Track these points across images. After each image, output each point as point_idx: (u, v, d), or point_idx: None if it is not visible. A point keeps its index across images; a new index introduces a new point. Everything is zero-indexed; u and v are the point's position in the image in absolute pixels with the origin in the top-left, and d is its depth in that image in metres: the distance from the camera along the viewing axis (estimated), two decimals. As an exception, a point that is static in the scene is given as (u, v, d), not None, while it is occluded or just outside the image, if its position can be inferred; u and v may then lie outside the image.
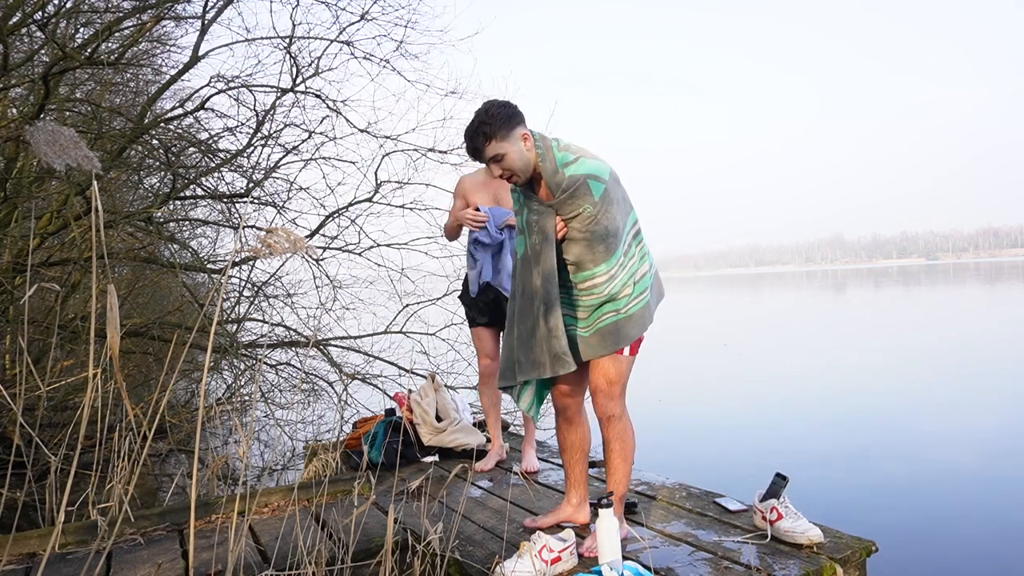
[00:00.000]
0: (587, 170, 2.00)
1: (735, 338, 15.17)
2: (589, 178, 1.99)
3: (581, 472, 2.39)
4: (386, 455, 3.34)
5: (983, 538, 3.74)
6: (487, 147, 2.01)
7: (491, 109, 2.02)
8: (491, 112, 2.01)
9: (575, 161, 2.02)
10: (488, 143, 2.01)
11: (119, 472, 2.20)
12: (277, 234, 1.22)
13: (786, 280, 75.35)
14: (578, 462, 2.38)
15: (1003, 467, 4.95)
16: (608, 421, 2.17)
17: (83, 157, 0.98)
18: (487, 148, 2.01)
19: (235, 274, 5.52)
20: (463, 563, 2.15)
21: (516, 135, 2.03)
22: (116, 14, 4.27)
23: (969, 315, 18.64)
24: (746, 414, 7.21)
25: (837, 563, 1.97)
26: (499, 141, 2.00)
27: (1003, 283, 34.65)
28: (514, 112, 2.04)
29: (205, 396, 4.67)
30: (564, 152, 2.05)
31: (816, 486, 4.55)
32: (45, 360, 4.74)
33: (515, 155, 2.03)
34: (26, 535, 2.48)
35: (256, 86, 4.81)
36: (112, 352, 1.06)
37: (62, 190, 4.66)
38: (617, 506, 2.15)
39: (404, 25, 4.84)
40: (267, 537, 2.46)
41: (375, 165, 5.35)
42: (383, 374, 5.66)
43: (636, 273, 2.11)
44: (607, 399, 2.15)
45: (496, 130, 1.99)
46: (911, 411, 6.96)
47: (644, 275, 2.14)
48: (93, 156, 0.99)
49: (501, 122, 2.00)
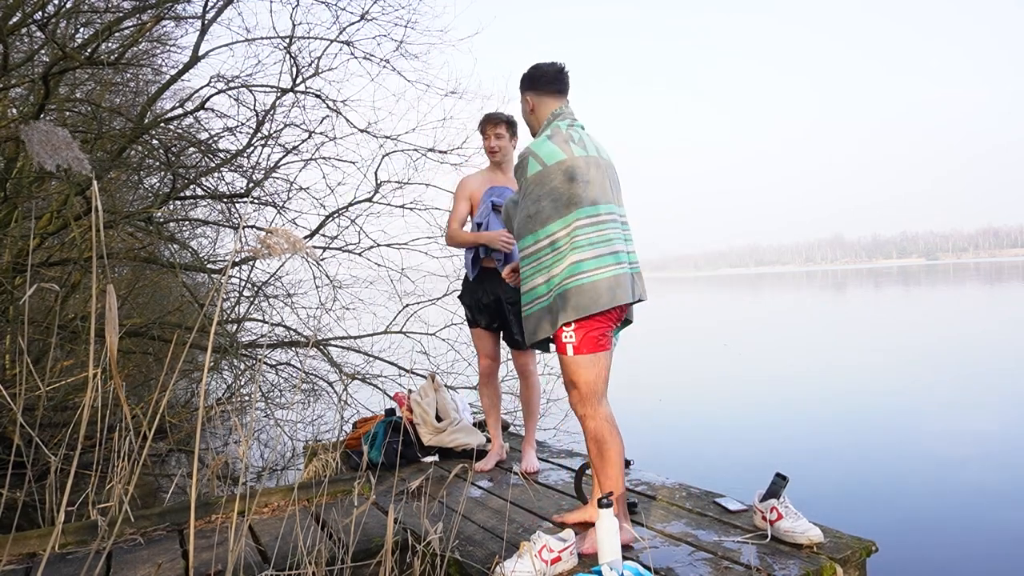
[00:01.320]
0: (536, 149, 2.21)
1: (735, 338, 15.17)
2: (532, 156, 2.21)
3: None
4: (386, 455, 3.34)
5: (983, 538, 3.74)
6: (520, 88, 2.41)
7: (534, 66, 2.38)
8: (530, 68, 2.38)
9: (538, 139, 2.26)
10: (520, 87, 2.42)
11: (119, 472, 2.20)
12: (277, 235, 1.22)
13: (786, 280, 75.37)
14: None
15: (1003, 467, 4.95)
16: (581, 421, 2.19)
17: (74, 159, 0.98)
18: (520, 88, 2.41)
19: (235, 274, 5.52)
20: (463, 563, 2.15)
21: (524, 96, 2.39)
22: (116, 14, 4.26)
23: (969, 315, 18.64)
24: (746, 414, 7.21)
25: (837, 563, 1.97)
26: (522, 90, 2.41)
27: (1003, 283, 34.66)
28: (532, 76, 2.36)
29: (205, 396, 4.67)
30: (545, 130, 2.29)
31: (816, 486, 4.55)
32: (45, 360, 4.74)
33: (522, 109, 2.43)
34: (26, 535, 2.48)
35: (256, 86, 4.81)
36: (111, 353, 1.06)
37: (62, 190, 4.67)
38: (615, 506, 2.14)
39: (404, 25, 4.85)
40: (267, 537, 2.46)
41: (375, 165, 5.36)
42: (383, 374, 5.66)
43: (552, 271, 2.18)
44: (573, 398, 2.19)
45: (520, 83, 2.40)
46: (911, 411, 6.95)
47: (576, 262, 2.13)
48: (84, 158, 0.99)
49: (522, 79, 2.39)
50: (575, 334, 2.12)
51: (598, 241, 2.14)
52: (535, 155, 2.19)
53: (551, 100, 2.33)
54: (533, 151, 2.21)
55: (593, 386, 2.14)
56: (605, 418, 2.15)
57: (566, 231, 2.13)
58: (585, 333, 2.12)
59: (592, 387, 2.14)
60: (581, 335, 2.12)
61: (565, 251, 2.13)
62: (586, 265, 2.11)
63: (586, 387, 2.13)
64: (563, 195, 2.14)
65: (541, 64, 2.35)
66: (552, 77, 2.32)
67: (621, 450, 2.17)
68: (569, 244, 2.13)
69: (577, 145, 2.21)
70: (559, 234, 2.14)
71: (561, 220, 2.14)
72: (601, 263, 2.13)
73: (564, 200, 2.14)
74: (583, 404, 2.15)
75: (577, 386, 2.15)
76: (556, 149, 2.18)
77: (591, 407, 2.15)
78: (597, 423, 2.14)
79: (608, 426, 2.15)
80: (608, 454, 2.14)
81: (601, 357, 2.14)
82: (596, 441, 2.15)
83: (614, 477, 2.15)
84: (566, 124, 2.27)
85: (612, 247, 2.16)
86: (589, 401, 2.14)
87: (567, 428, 5.63)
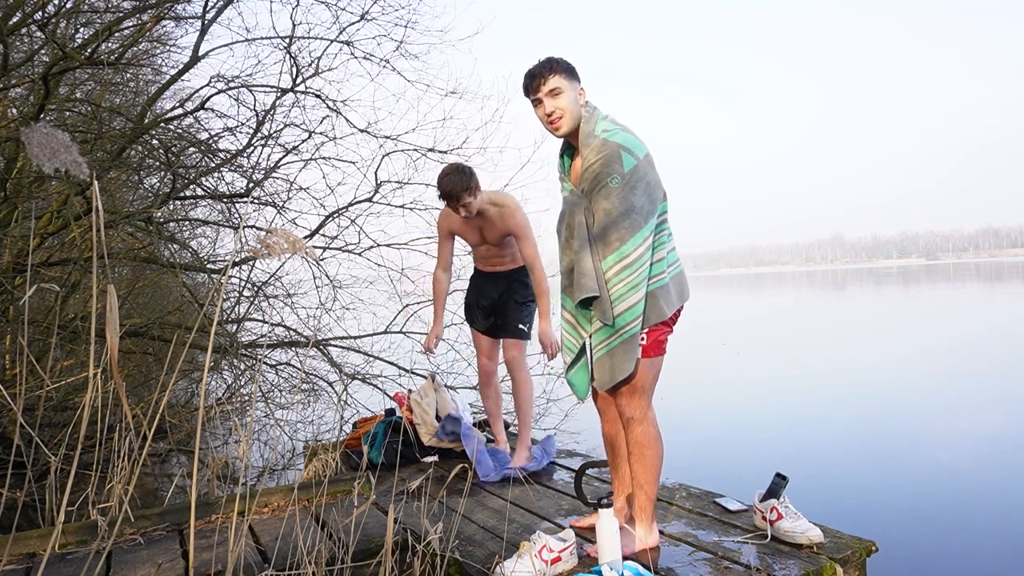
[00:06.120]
0: (622, 141, 2.01)
1: (735, 338, 15.17)
2: (622, 149, 1.99)
3: (624, 475, 2.31)
4: (386, 455, 3.34)
5: (983, 538, 3.73)
6: (551, 77, 2.06)
7: (559, 58, 2.12)
8: (559, 58, 2.11)
9: (613, 131, 2.04)
10: (553, 75, 2.06)
11: (119, 472, 2.20)
12: (277, 235, 1.22)
13: (786, 280, 75.36)
14: (619, 465, 2.31)
15: (1004, 467, 4.95)
16: (627, 424, 2.10)
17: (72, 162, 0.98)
18: (551, 78, 2.06)
19: (235, 274, 5.51)
20: (463, 563, 2.15)
21: (576, 85, 2.10)
22: (116, 14, 4.26)
23: (969, 315, 18.64)
24: (746, 414, 7.20)
25: (837, 563, 1.97)
26: (563, 78, 2.06)
27: (1003, 283, 34.67)
28: (570, 65, 2.11)
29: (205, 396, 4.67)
30: (608, 122, 2.08)
31: (816, 486, 4.55)
32: (45, 360, 4.74)
33: (570, 97, 2.07)
34: (26, 535, 2.47)
35: (256, 86, 4.81)
36: (111, 353, 1.06)
37: (62, 190, 4.67)
38: (640, 513, 2.11)
39: (404, 25, 4.85)
40: (267, 537, 2.46)
41: (375, 165, 5.36)
42: (383, 374, 5.66)
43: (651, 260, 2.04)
44: (621, 399, 2.09)
45: (563, 68, 2.07)
46: (911, 411, 6.95)
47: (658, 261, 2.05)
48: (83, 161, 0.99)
49: (567, 66, 2.09)
50: (647, 336, 2.03)
51: (671, 233, 2.11)
52: (626, 148, 2.00)
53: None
54: (622, 144, 2.00)
55: (647, 390, 2.08)
56: (653, 422, 2.10)
57: (655, 227, 2.04)
58: (655, 337, 2.05)
59: (646, 391, 2.08)
60: (652, 338, 2.04)
61: (656, 248, 2.04)
62: (672, 256, 2.08)
63: (641, 391, 2.06)
64: (654, 188, 2.02)
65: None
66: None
67: (662, 456, 2.11)
68: (659, 239, 2.04)
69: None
70: (651, 231, 2.02)
71: (654, 216, 2.03)
72: (677, 255, 2.12)
73: (654, 193, 2.02)
74: (634, 407, 2.07)
75: (634, 390, 2.05)
76: (639, 141, 2.04)
77: (641, 410, 2.07)
78: (645, 427, 2.08)
79: (655, 431, 2.10)
80: (651, 460, 2.08)
81: (659, 361, 2.09)
82: (639, 445, 2.08)
83: (651, 483, 2.09)
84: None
85: (674, 241, 2.14)
86: (640, 404, 2.07)
87: (567, 428, 5.63)
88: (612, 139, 2.01)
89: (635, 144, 2.02)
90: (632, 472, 2.12)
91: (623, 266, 1.97)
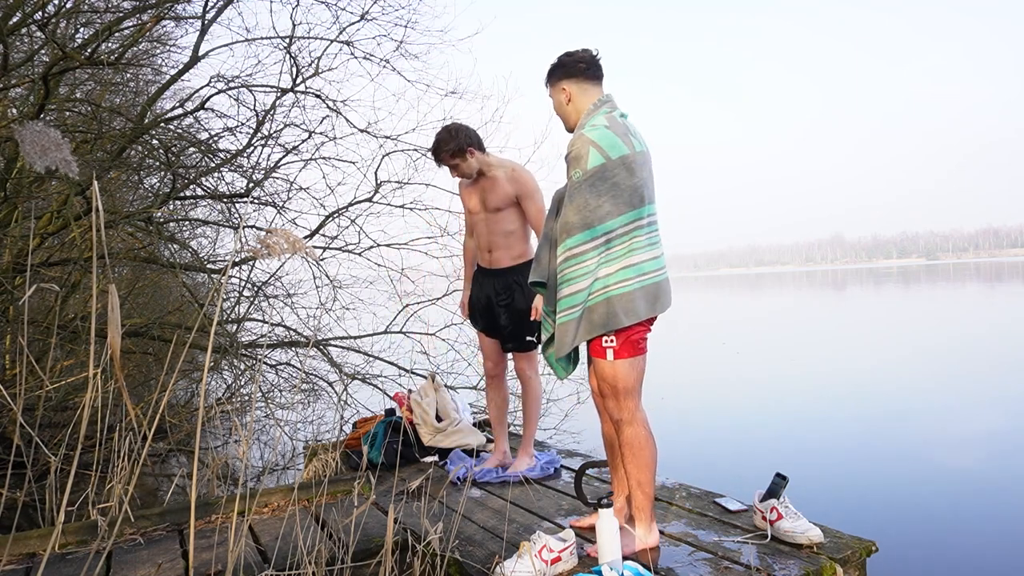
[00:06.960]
0: (596, 138, 2.04)
1: (734, 338, 15.17)
2: (592, 146, 2.03)
3: (624, 475, 2.28)
4: (386, 455, 3.34)
5: (983, 538, 3.74)
6: (550, 80, 2.26)
7: (566, 54, 2.23)
8: (562, 57, 2.23)
9: (593, 128, 2.07)
10: (550, 78, 2.26)
11: (119, 472, 2.20)
12: (277, 235, 1.22)
13: (786, 280, 75.36)
14: (618, 465, 2.30)
15: (1004, 467, 4.95)
16: (617, 426, 2.11)
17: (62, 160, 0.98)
18: (550, 80, 2.26)
19: (235, 274, 5.51)
20: (463, 563, 2.15)
21: (559, 86, 2.22)
22: (116, 14, 4.26)
23: (969, 315, 18.64)
24: (746, 414, 7.21)
25: (837, 563, 1.97)
26: (551, 84, 2.25)
27: (1003, 283, 34.66)
28: (566, 64, 2.21)
29: (205, 396, 4.67)
30: (601, 118, 2.11)
31: (816, 486, 4.55)
32: (45, 360, 4.74)
33: (556, 101, 2.25)
34: (26, 535, 2.48)
35: (256, 86, 4.81)
36: (113, 352, 1.06)
37: (62, 190, 4.67)
38: (639, 513, 2.11)
39: (404, 25, 4.85)
40: (267, 537, 2.46)
41: (375, 165, 5.35)
42: (383, 374, 5.66)
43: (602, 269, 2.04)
44: (608, 402, 2.11)
45: (552, 73, 2.24)
46: (911, 410, 6.95)
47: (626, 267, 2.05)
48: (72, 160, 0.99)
49: (554, 68, 2.23)
50: (616, 338, 2.05)
51: (654, 243, 2.10)
52: (596, 146, 2.03)
53: (591, 87, 2.19)
54: (594, 141, 2.03)
55: (632, 391, 2.08)
56: (642, 423, 2.10)
57: (625, 230, 2.04)
58: (626, 337, 2.05)
59: (631, 392, 2.08)
60: (622, 339, 2.05)
61: (620, 253, 2.04)
62: (646, 267, 2.06)
63: (625, 392, 2.07)
64: (625, 191, 2.03)
65: (573, 51, 2.21)
66: (590, 62, 2.19)
67: (656, 456, 2.11)
68: (628, 245, 2.04)
69: (635, 139, 2.09)
70: (618, 231, 2.03)
71: (622, 217, 2.03)
72: (657, 265, 2.10)
73: (626, 197, 2.03)
74: (621, 409, 2.08)
75: (616, 392, 2.08)
76: (619, 141, 2.04)
77: (629, 412, 2.08)
78: (635, 428, 2.08)
79: (645, 432, 2.09)
80: (644, 460, 2.08)
81: (639, 360, 2.09)
82: (630, 447, 2.08)
83: (647, 483, 2.10)
84: (619, 114, 2.15)
85: (661, 249, 2.13)
86: (627, 407, 2.08)
87: (567, 428, 5.64)
88: (587, 134, 2.06)
89: (611, 144, 2.03)
90: (627, 473, 2.12)
91: (565, 257, 2.08)
